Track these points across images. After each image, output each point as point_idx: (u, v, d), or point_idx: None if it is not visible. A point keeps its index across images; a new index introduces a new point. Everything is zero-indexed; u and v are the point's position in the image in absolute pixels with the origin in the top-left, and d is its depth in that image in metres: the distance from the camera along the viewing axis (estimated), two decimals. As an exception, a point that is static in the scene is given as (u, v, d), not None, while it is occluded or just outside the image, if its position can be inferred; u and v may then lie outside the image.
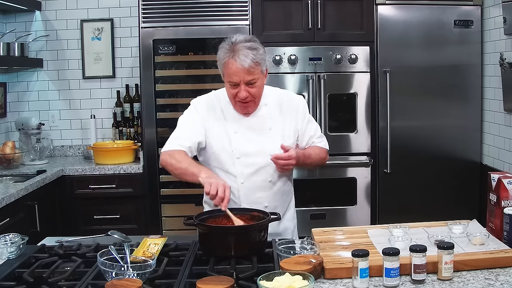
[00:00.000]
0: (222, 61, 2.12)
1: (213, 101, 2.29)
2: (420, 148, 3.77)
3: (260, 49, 2.13)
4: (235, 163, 2.21)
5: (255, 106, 2.23)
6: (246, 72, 2.07)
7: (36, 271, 1.71)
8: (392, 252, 1.58)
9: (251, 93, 2.13)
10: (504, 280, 1.60)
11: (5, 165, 3.73)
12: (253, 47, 2.10)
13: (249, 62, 2.06)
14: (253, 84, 2.12)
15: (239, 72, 2.07)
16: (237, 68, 2.07)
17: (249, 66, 2.06)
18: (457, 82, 3.76)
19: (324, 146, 2.39)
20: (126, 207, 3.76)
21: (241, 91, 2.11)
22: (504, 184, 1.92)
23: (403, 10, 3.72)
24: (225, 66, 2.11)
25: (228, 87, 2.16)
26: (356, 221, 3.72)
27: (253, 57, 2.07)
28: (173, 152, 2.16)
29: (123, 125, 4.19)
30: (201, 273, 1.63)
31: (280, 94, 2.36)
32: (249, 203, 2.21)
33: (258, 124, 2.24)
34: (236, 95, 2.14)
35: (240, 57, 2.06)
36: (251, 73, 2.09)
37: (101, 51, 4.27)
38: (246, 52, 2.07)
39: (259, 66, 2.11)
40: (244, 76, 2.08)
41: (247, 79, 2.09)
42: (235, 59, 2.07)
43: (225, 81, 2.17)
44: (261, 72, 2.13)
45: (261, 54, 2.12)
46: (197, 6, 3.68)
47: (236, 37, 2.13)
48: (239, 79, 2.09)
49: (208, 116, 2.25)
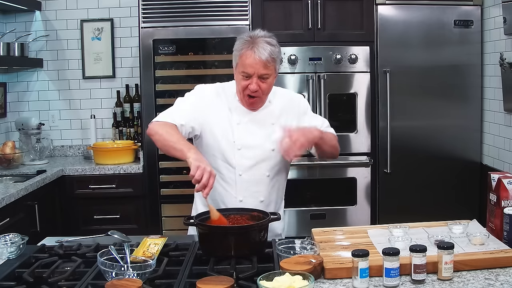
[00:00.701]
0: (239, 52, 2.12)
1: (219, 90, 2.28)
2: (420, 148, 3.77)
3: (277, 47, 2.14)
4: (235, 154, 2.20)
5: (261, 103, 2.23)
6: (262, 65, 2.08)
7: (36, 271, 1.70)
8: (392, 252, 1.58)
9: (261, 88, 2.13)
10: (504, 280, 1.60)
11: (5, 165, 3.73)
12: (272, 43, 2.11)
13: (267, 55, 2.07)
14: (265, 79, 2.12)
15: (255, 64, 2.08)
16: (254, 60, 2.07)
17: (266, 59, 2.07)
18: (457, 82, 3.76)
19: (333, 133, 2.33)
20: (126, 207, 3.76)
21: (253, 84, 2.11)
22: (504, 184, 1.92)
23: (403, 10, 3.72)
24: (241, 57, 2.11)
25: (240, 78, 2.15)
26: (356, 221, 3.72)
27: (271, 51, 2.08)
28: (165, 124, 2.12)
29: (123, 125, 4.19)
30: (201, 273, 1.63)
31: (283, 94, 2.37)
32: (245, 196, 2.21)
33: (261, 119, 2.24)
34: (246, 87, 2.13)
35: (259, 49, 2.07)
36: (267, 67, 2.09)
37: (101, 51, 4.27)
38: (265, 46, 2.08)
39: (275, 63, 2.12)
40: (259, 68, 2.09)
41: (261, 73, 2.10)
42: (253, 51, 2.07)
43: (237, 72, 2.16)
44: (275, 70, 2.14)
45: (278, 52, 2.14)
46: (197, 6, 3.68)
47: (257, 32, 2.15)
48: (254, 71, 2.09)
49: (211, 103, 2.23)
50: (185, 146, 1.98)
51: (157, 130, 2.10)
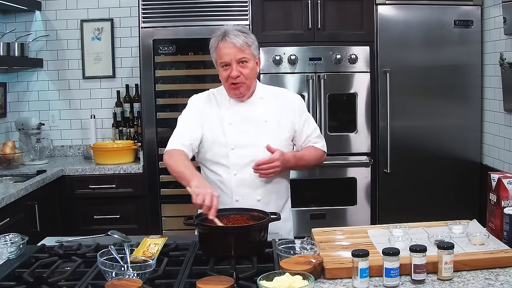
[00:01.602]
0: (214, 47, 2.20)
1: (210, 96, 2.34)
2: (420, 148, 3.77)
3: (251, 35, 2.22)
4: (229, 154, 2.22)
5: (247, 89, 2.24)
6: (237, 50, 2.14)
7: (36, 271, 1.71)
8: (392, 252, 1.58)
9: (243, 74, 2.17)
10: (504, 280, 1.60)
11: (5, 165, 3.73)
12: (243, 31, 2.20)
13: (240, 42, 2.14)
14: (245, 63, 2.17)
15: (230, 51, 2.14)
16: (228, 47, 2.14)
17: (240, 45, 2.14)
18: (457, 82, 3.76)
19: (321, 147, 2.37)
20: (126, 207, 3.76)
21: (233, 70, 2.16)
22: (504, 184, 1.92)
23: (403, 10, 3.72)
24: (217, 50, 2.18)
25: (221, 71, 2.20)
26: (356, 221, 3.71)
27: (244, 38, 2.16)
28: (173, 153, 2.19)
29: (123, 125, 4.19)
30: (201, 273, 1.63)
31: (277, 91, 2.39)
32: (241, 195, 2.22)
33: (254, 116, 2.26)
34: (228, 77, 2.17)
35: (230, 37, 2.15)
36: (242, 51, 2.15)
37: (101, 51, 4.28)
38: (236, 33, 2.16)
39: (250, 48, 2.18)
40: (236, 53, 2.14)
41: (238, 57, 2.15)
42: (225, 40, 2.15)
43: (218, 68, 2.22)
44: (252, 55, 2.19)
45: (252, 38, 2.21)
46: (197, 6, 3.68)
47: (227, 27, 2.22)
48: (230, 58, 2.15)
49: (204, 109, 2.29)
50: (189, 175, 2.04)
51: (166, 161, 2.19)
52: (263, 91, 2.32)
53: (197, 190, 1.91)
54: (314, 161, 2.36)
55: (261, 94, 2.30)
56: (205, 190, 1.91)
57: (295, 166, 2.32)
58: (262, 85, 2.37)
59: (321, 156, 2.38)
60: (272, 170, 2.15)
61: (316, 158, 2.36)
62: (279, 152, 2.15)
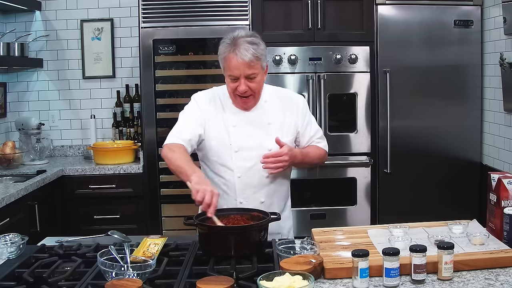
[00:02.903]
0: (223, 55, 2.15)
1: (214, 95, 2.31)
2: (420, 148, 3.77)
3: (261, 45, 2.15)
4: (233, 157, 2.22)
5: (255, 102, 2.24)
6: (246, 66, 2.10)
7: (36, 271, 1.71)
8: (392, 252, 1.58)
9: (250, 88, 2.15)
10: (504, 280, 1.60)
11: (5, 165, 3.73)
12: (254, 42, 2.12)
13: (249, 56, 2.08)
14: (253, 78, 2.14)
15: (239, 66, 2.10)
16: (238, 62, 2.09)
17: (250, 60, 2.09)
18: (457, 82, 3.76)
19: (323, 147, 2.38)
20: (126, 207, 3.76)
21: (241, 85, 2.13)
22: (504, 184, 1.92)
23: (403, 10, 3.72)
24: (225, 60, 2.13)
25: (229, 81, 2.17)
26: (356, 221, 3.71)
27: (253, 51, 2.09)
28: (173, 146, 2.16)
29: (123, 125, 4.19)
30: (201, 273, 1.63)
31: (280, 92, 2.37)
32: (245, 197, 2.22)
33: (258, 119, 2.25)
34: (235, 89, 2.15)
35: (241, 51, 2.09)
36: (251, 67, 2.11)
37: (101, 51, 4.27)
38: (247, 47, 2.09)
39: (259, 61, 2.13)
40: (245, 70, 2.10)
41: (247, 73, 2.12)
42: (235, 53, 2.09)
43: (225, 76, 2.19)
44: (261, 68, 2.16)
45: (262, 49, 2.15)
46: (197, 6, 3.68)
47: (238, 32, 2.16)
48: (239, 73, 2.11)
49: (208, 109, 2.26)
50: (189, 170, 2.01)
51: (165, 154, 2.16)
52: (268, 93, 2.30)
53: (197, 187, 1.90)
54: (317, 159, 2.37)
55: (265, 96, 2.28)
56: (206, 187, 1.90)
57: (301, 163, 2.32)
58: (267, 86, 2.34)
59: (324, 155, 2.39)
60: (280, 164, 2.13)
61: (320, 157, 2.37)
62: (287, 147, 2.15)
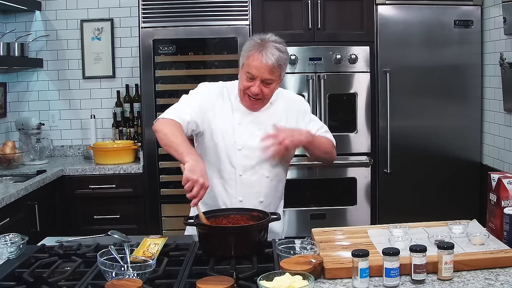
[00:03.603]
0: (247, 52, 2.12)
1: (222, 90, 2.28)
2: (420, 148, 3.77)
3: (286, 54, 2.15)
4: (236, 155, 2.21)
5: (262, 106, 2.23)
6: (268, 69, 2.08)
7: (36, 271, 1.71)
8: (392, 252, 1.58)
9: (263, 92, 2.13)
10: (504, 280, 1.60)
11: (5, 165, 3.73)
12: (281, 50, 2.12)
13: (274, 60, 2.08)
14: (269, 84, 2.13)
15: (261, 68, 2.08)
16: (261, 63, 2.08)
17: (273, 64, 2.08)
18: (457, 82, 3.76)
19: (330, 138, 2.34)
20: (126, 207, 3.76)
21: (255, 86, 2.11)
22: (504, 184, 1.92)
23: (403, 10, 3.72)
24: (249, 57, 2.11)
25: (244, 79, 2.15)
26: (356, 221, 3.71)
27: (278, 58, 2.09)
28: (171, 122, 2.11)
29: (123, 125, 4.19)
30: (201, 273, 1.63)
31: (284, 94, 2.37)
32: (244, 196, 2.21)
33: (263, 120, 2.24)
34: (248, 88, 2.13)
35: (267, 53, 2.08)
36: (272, 73, 2.10)
37: (101, 51, 4.27)
38: (274, 51, 2.09)
39: (280, 69, 2.12)
40: (264, 73, 2.09)
41: (266, 77, 2.10)
42: (262, 54, 2.08)
43: (242, 72, 2.16)
44: (279, 76, 2.15)
45: (286, 59, 2.14)
46: (197, 6, 3.68)
47: (269, 35, 2.16)
48: (258, 74, 2.09)
49: (215, 102, 2.23)
50: (185, 150, 1.95)
51: (162, 128, 2.09)
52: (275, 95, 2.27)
53: (189, 175, 1.85)
54: (328, 146, 2.29)
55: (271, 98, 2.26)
56: (197, 177, 1.84)
57: (310, 144, 2.19)
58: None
59: (332, 146, 2.32)
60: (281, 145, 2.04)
61: (330, 145, 2.30)
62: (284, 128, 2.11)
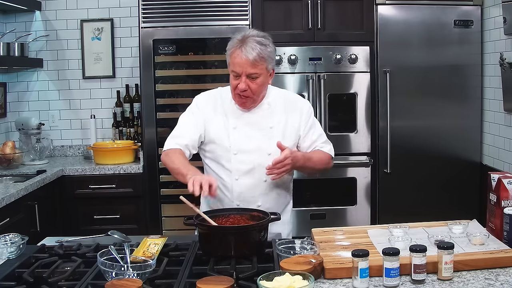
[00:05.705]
0: (229, 51, 2.15)
1: (216, 96, 2.30)
2: (420, 148, 3.77)
3: (269, 47, 2.13)
4: (231, 159, 2.21)
5: (253, 103, 2.22)
6: (249, 64, 2.08)
7: (36, 271, 1.71)
8: (392, 252, 1.58)
9: (250, 88, 2.13)
10: (504, 280, 1.60)
11: (5, 165, 3.73)
12: (262, 43, 2.11)
13: (254, 55, 2.07)
14: (255, 79, 2.12)
15: (242, 63, 2.09)
16: (241, 59, 2.08)
17: (254, 59, 2.07)
18: (457, 82, 3.76)
19: (328, 151, 2.33)
20: (126, 207, 3.76)
21: (241, 83, 2.12)
22: (504, 184, 1.92)
23: (403, 10, 3.72)
24: (231, 56, 2.13)
25: (231, 78, 2.17)
26: (356, 221, 3.72)
27: (259, 51, 2.08)
28: (170, 151, 2.20)
29: (123, 125, 4.19)
30: (201, 273, 1.63)
31: (285, 95, 2.36)
32: (241, 200, 2.21)
33: (259, 122, 2.23)
34: (236, 87, 2.14)
35: (246, 49, 2.08)
36: (255, 67, 2.09)
37: (101, 51, 4.27)
38: (254, 45, 2.08)
39: (264, 63, 2.11)
40: (247, 68, 2.09)
41: (249, 72, 2.10)
42: (241, 50, 2.09)
43: (230, 71, 2.18)
44: (265, 70, 2.13)
45: (269, 51, 2.13)
46: (197, 6, 3.68)
47: (249, 31, 2.16)
48: (241, 70, 2.10)
49: (208, 110, 2.26)
50: (184, 169, 2.06)
51: (164, 160, 2.22)
52: (273, 95, 2.28)
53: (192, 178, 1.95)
54: (321, 164, 2.30)
55: (269, 98, 2.26)
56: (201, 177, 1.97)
57: (303, 167, 2.24)
58: (273, 89, 2.31)
59: (328, 160, 2.34)
60: (283, 168, 2.09)
61: (324, 162, 2.31)
62: (289, 150, 2.10)
